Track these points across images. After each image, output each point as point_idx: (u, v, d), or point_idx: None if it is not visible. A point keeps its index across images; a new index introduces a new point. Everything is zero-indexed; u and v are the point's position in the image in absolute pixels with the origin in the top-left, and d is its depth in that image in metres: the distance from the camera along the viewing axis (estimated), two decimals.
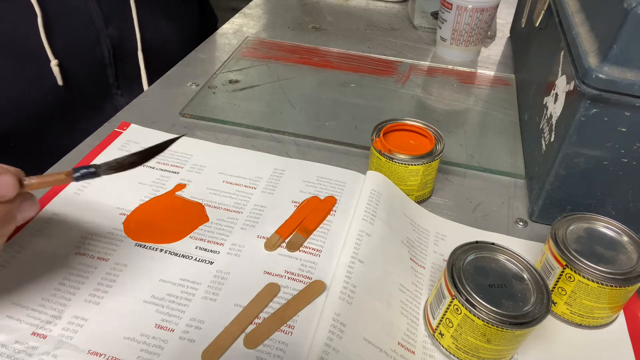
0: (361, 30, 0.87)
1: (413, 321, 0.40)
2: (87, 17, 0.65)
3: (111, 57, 0.69)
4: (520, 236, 0.48)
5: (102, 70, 0.69)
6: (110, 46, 0.68)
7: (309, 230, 0.46)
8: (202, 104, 0.63)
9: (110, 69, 0.69)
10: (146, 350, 0.36)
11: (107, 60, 0.69)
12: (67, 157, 0.53)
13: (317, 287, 0.40)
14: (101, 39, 0.67)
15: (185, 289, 0.40)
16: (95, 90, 0.69)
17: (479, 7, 0.72)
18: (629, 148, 0.42)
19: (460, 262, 0.36)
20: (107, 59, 0.68)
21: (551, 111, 0.49)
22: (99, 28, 0.66)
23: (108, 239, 0.44)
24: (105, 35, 0.67)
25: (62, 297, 0.39)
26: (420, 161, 0.48)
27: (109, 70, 0.69)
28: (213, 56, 0.76)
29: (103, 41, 0.67)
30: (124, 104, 0.70)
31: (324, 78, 0.71)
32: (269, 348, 0.36)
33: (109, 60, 0.69)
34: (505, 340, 0.34)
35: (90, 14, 0.65)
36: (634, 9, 0.36)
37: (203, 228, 0.46)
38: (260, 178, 0.52)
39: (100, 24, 0.66)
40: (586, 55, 0.40)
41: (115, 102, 0.72)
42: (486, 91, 0.71)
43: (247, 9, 0.93)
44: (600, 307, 0.39)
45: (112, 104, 0.71)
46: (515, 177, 0.55)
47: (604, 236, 0.40)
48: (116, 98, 0.72)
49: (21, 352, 0.35)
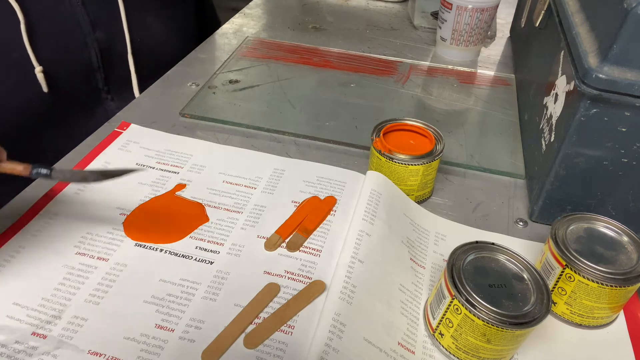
0: (361, 30, 0.87)
1: (413, 321, 0.40)
2: (74, 21, 0.63)
3: (99, 61, 0.67)
4: (520, 236, 0.48)
5: (91, 75, 0.67)
6: (98, 50, 0.66)
7: (309, 230, 0.46)
8: (202, 104, 0.63)
9: (100, 74, 0.68)
10: (146, 350, 0.36)
11: (96, 65, 0.67)
12: (68, 157, 0.53)
13: (317, 287, 0.40)
14: (88, 43, 0.65)
15: (185, 289, 0.40)
16: (85, 95, 0.68)
17: (479, 7, 0.72)
18: (629, 148, 0.42)
19: (460, 262, 0.36)
20: (96, 63, 0.67)
21: (551, 111, 0.49)
22: (86, 32, 0.64)
23: (108, 239, 0.44)
24: (92, 40, 0.65)
25: (62, 297, 0.39)
26: (420, 161, 0.48)
27: (97, 75, 0.68)
28: (213, 56, 0.76)
29: (90, 45, 0.65)
30: (114, 108, 0.69)
31: (324, 78, 0.71)
32: (269, 348, 0.36)
33: (98, 64, 0.67)
34: (505, 340, 0.34)
35: (76, 18, 0.63)
36: (634, 9, 0.36)
37: (203, 228, 0.46)
38: (260, 178, 0.52)
39: (87, 28, 0.64)
40: (586, 55, 0.40)
41: (105, 107, 0.70)
42: (486, 91, 0.71)
43: (247, 9, 0.93)
44: (600, 307, 0.39)
45: (102, 108, 0.70)
46: (515, 177, 0.55)
47: (604, 236, 0.40)
48: (106, 102, 0.70)
49: (21, 352, 0.35)
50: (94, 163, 0.52)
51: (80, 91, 0.67)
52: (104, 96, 0.70)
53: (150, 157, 0.53)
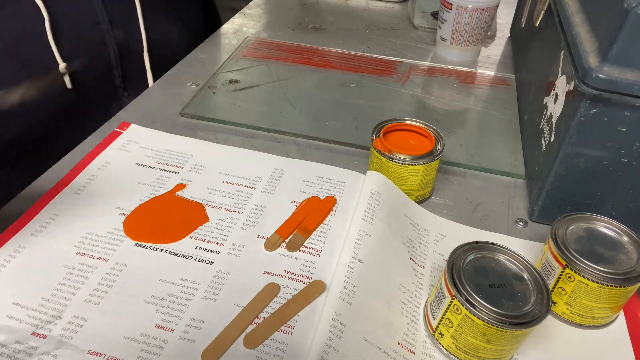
0: (361, 30, 0.87)
1: (413, 321, 0.40)
2: (93, 18, 0.65)
3: (117, 58, 0.69)
4: (520, 236, 0.48)
5: (109, 72, 0.69)
6: (116, 47, 0.68)
7: (309, 230, 0.46)
8: (202, 104, 0.63)
9: (117, 71, 0.70)
10: (146, 350, 0.36)
11: (114, 62, 0.69)
12: (68, 157, 0.53)
13: (317, 287, 0.40)
14: (107, 41, 0.67)
15: (185, 289, 0.40)
16: (103, 92, 0.70)
17: (479, 7, 0.72)
18: (629, 148, 0.42)
19: (460, 262, 0.36)
20: (114, 60, 0.69)
21: (551, 111, 0.49)
22: (105, 30, 0.66)
23: (108, 239, 0.44)
24: (111, 37, 0.67)
25: (62, 297, 0.39)
26: (420, 161, 0.48)
27: (115, 72, 0.70)
28: (213, 56, 0.76)
29: (109, 43, 0.67)
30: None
31: (324, 78, 0.71)
32: (269, 348, 0.36)
33: (115, 61, 0.69)
34: (505, 340, 0.34)
35: (96, 15, 0.65)
36: (634, 9, 0.36)
37: (203, 228, 0.46)
38: (260, 178, 0.52)
39: (106, 26, 0.66)
40: (586, 55, 0.40)
41: (121, 103, 0.72)
42: (486, 91, 0.71)
43: (247, 9, 0.93)
44: (600, 307, 0.39)
45: (117, 105, 0.71)
46: (515, 177, 0.55)
47: (604, 236, 0.40)
48: (123, 99, 0.72)
49: (21, 352, 0.35)
50: (94, 163, 0.52)
51: (99, 88, 0.69)
52: (121, 93, 0.72)
53: (150, 157, 0.53)
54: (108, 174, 0.51)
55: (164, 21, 0.74)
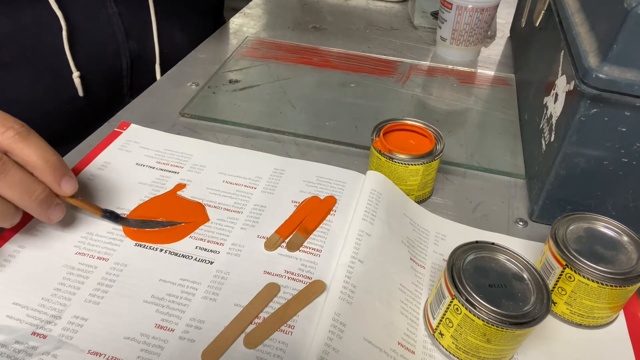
0: (361, 30, 0.87)
1: (413, 321, 0.40)
2: (110, 29, 0.66)
3: (129, 68, 0.69)
4: (520, 236, 0.48)
5: (119, 81, 0.70)
6: (129, 58, 0.69)
7: (309, 230, 0.46)
8: (202, 104, 0.63)
9: (126, 79, 0.70)
10: (146, 350, 0.36)
11: (125, 72, 0.69)
12: (68, 157, 0.53)
13: (317, 287, 0.40)
14: (121, 52, 0.68)
15: (185, 289, 0.40)
16: (110, 99, 0.70)
17: (479, 7, 0.72)
18: (629, 148, 0.42)
19: (460, 262, 0.36)
20: (125, 70, 0.69)
21: (551, 111, 0.49)
22: (120, 41, 0.67)
23: (108, 239, 0.44)
24: (125, 48, 0.68)
25: (62, 297, 0.39)
26: (420, 161, 0.48)
27: (124, 81, 0.70)
28: (213, 56, 0.76)
29: (123, 53, 0.68)
30: None
31: (324, 78, 0.71)
32: (269, 348, 0.36)
33: (127, 71, 0.70)
34: (505, 340, 0.34)
35: (112, 27, 0.66)
36: (634, 9, 0.36)
37: (203, 228, 0.46)
38: (260, 178, 0.52)
39: (122, 37, 0.67)
40: (586, 55, 0.40)
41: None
42: (486, 91, 0.71)
43: (247, 9, 0.93)
44: (600, 307, 0.39)
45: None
46: (515, 177, 0.55)
47: (604, 236, 0.40)
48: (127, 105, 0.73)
49: (21, 352, 0.35)
50: (94, 163, 0.52)
51: (107, 95, 0.70)
52: (127, 100, 0.72)
53: (150, 157, 0.53)
54: (108, 173, 0.51)
55: (177, 33, 0.75)
